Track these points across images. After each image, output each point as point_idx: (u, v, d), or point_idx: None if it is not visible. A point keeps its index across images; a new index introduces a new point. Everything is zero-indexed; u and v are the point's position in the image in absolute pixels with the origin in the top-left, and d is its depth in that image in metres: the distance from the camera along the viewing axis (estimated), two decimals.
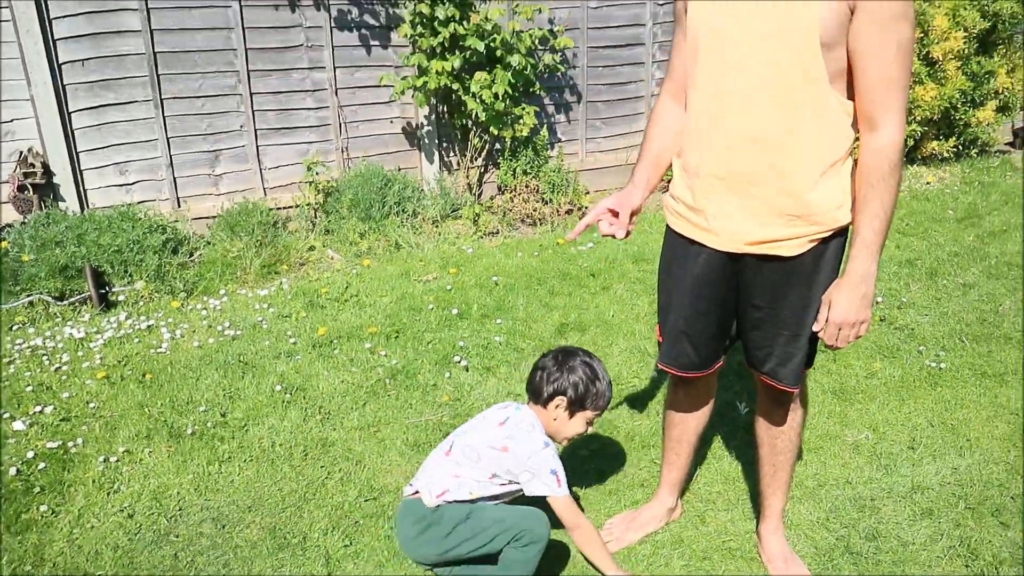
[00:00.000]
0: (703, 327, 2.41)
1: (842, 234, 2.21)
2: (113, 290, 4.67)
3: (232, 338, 4.26)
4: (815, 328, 2.18)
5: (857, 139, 2.11)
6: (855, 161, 2.14)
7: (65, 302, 4.54)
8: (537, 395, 2.53)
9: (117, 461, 3.21)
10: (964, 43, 6.59)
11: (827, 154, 2.09)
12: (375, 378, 3.82)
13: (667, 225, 2.42)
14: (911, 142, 6.90)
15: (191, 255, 5.16)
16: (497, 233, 5.74)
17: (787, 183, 2.10)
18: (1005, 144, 8.03)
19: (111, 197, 5.29)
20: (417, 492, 2.48)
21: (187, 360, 4.00)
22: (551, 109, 6.33)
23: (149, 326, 4.38)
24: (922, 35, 6.52)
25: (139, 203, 5.32)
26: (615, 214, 2.37)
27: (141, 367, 3.94)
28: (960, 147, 7.27)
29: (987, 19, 6.72)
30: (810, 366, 2.37)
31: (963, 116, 6.95)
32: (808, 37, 1.95)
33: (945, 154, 7.15)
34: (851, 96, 2.05)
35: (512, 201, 5.95)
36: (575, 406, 2.49)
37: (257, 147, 5.57)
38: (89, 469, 3.16)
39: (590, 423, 2.55)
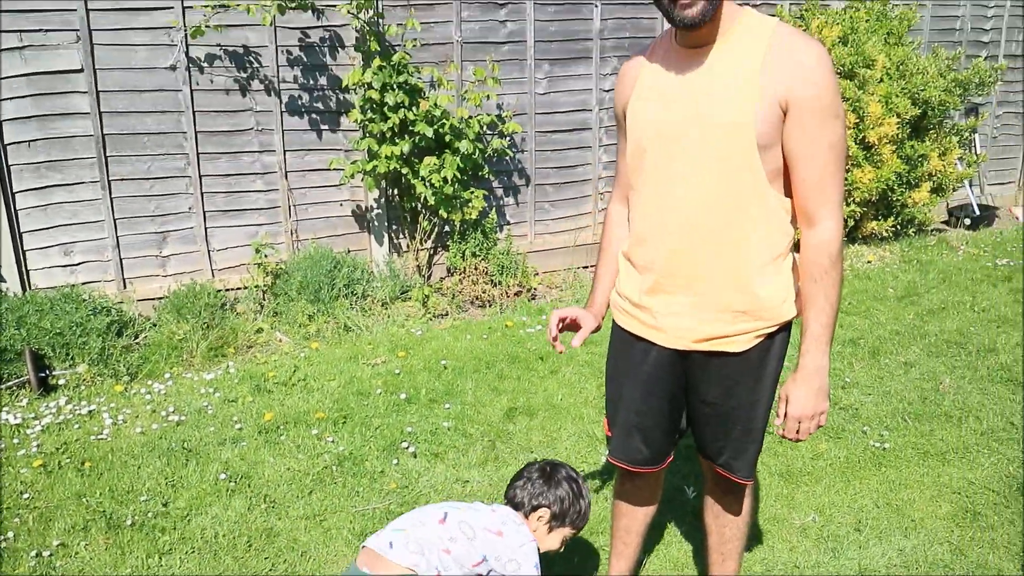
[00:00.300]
0: (655, 423, 2.42)
1: (787, 328, 2.26)
2: (54, 374, 4.59)
3: (176, 424, 4.19)
4: (776, 423, 2.20)
5: (796, 234, 2.17)
6: (795, 256, 2.20)
7: (2, 386, 4.44)
8: (518, 505, 2.48)
9: (51, 555, 3.12)
10: (898, 128, 6.83)
11: (770, 250, 2.15)
12: (321, 465, 3.77)
13: (613, 321, 2.45)
14: (851, 222, 7.09)
15: (136, 337, 5.10)
16: (446, 315, 5.75)
17: (733, 280, 2.15)
18: (941, 223, 8.28)
19: (55, 278, 5.22)
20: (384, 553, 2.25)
21: (129, 447, 3.93)
22: (500, 192, 6.41)
23: (90, 411, 4.29)
24: (858, 121, 6.75)
25: (84, 284, 5.26)
26: (574, 324, 2.44)
27: (80, 455, 3.86)
28: (898, 226, 7.48)
29: (918, 106, 6.98)
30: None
31: (900, 197, 7.17)
32: (746, 138, 2.03)
33: (884, 233, 7.35)
34: (788, 193, 2.13)
35: (461, 283, 5.99)
36: (556, 521, 2.45)
37: (206, 229, 5.56)
38: (20, 565, 3.06)
39: (566, 541, 2.51)
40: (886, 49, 7.07)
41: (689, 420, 2.44)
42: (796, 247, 2.19)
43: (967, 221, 8.18)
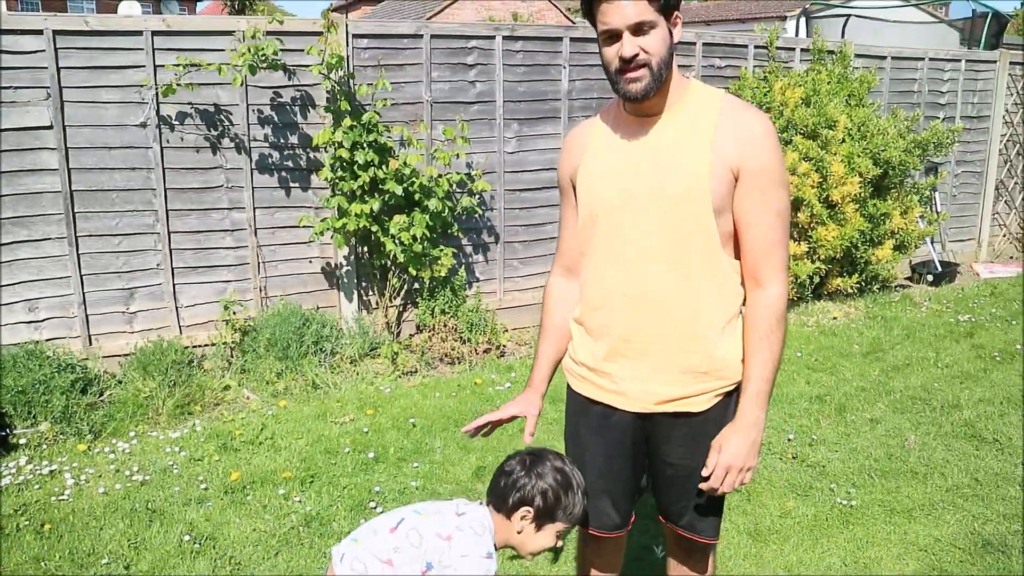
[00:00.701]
0: (620, 486, 2.41)
1: (736, 392, 2.29)
2: (14, 432, 4.52)
3: (140, 483, 4.13)
4: (703, 472, 2.18)
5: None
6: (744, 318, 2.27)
7: None
8: (500, 503, 2.26)
9: None
10: (860, 187, 6.97)
11: (725, 311, 2.20)
12: (288, 526, 3.73)
13: (569, 386, 2.44)
14: (817, 279, 7.19)
15: (101, 395, 5.04)
16: (416, 372, 5.74)
17: (691, 342, 2.19)
18: (904, 279, 8.43)
19: (19, 334, 5.16)
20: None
21: (91, 508, 3.86)
22: (469, 249, 6.45)
23: (52, 471, 4.23)
24: (821, 180, 6.87)
25: (48, 340, 5.20)
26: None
27: (40, 516, 3.79)
28: (863, 283, 7.59)
29: (879, 166, 7.14)
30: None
31: (864, 254, 7.29)
32: (702, 204, 2.10)
33: (849, 290, 7.46)
34: (737, 256, 2.20)
35: (431, 340, 5.98)
36: (543, 518, 2.22)
37: (174, 285, 5.53)
38: None
39: (561, 536, 2.28)
40: (847, 110, 7.25)
41: (652, 483, 2.44)
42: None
43: (929, 277, 8.33)
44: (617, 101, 2.27)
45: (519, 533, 2.25)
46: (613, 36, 2.05)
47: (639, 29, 2.02)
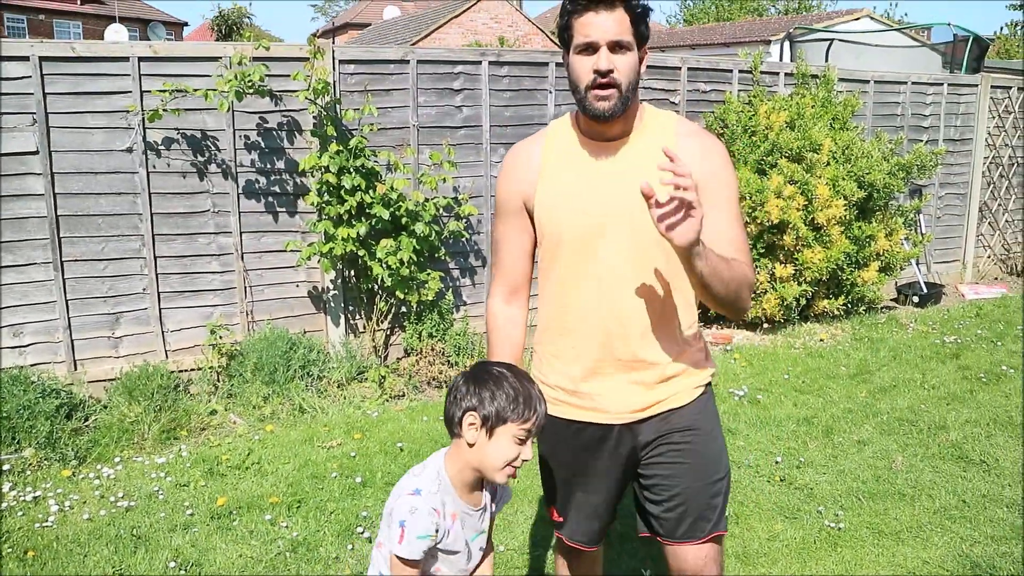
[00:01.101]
0: (604, 502, 2.43)
1: (710, 385, 2.39)
2: None
3: (126, 510, 4.10)
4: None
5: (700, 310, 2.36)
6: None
7: None
8: (450, 423, 2.11)
9: None
10: (845, 210, 7.02)
11: (689, 321, 2.31)
12: (275, 551, 3.71)
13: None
14: (803, 301, 7.21)
15: (86, 420, 5.01)
16: (403, 396, 5.73)
17: (664, 354, 2.26)
18: (890, 301, 8.47)
19: (3, 360, 5.13)
20: None
21: (75, 535, 3.83)
22: (456, 273, 6.45)
23: (36, 497, 4.19)
24: (807, 203, 6.92)
25: (33, 365, 5.17)
26: None
27: (23, 544, 3.75)
28: (849, 305, 7.63)
29: (864, 188, 7.18)
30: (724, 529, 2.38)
31: (849, 276, 7.33)
32: None
33: (836, 312, 7.49)
34: None
35: (418, 364, 5.97)
36: (492, 420, 2.04)
37: (160, 310, 5.52)
38: None
39: (522, 441, 2.07)
40: (832, 134, 7.31)
41: (642, 497, 2.40)
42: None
43: (915, 299, 8.37)
44: (572, 122, 2.30)
45: (473, 448, 2.07)
46: (590, 48, 2.08)
47: (616, 47, 2.07)
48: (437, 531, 2.04)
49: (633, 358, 2.24)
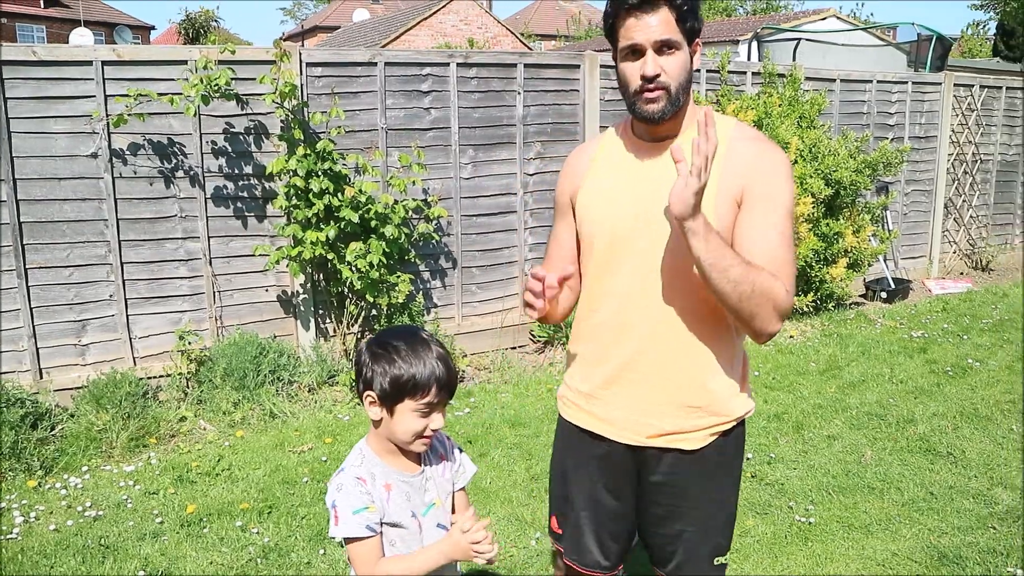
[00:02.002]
0: (608, 522, 2.33)
1: (741, 424, 2.25)
2: None
3: (93, 519, 4.06)
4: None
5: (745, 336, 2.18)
6: (745, 353, 2.24)
7: None
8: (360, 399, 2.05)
9: None
10: (813, 207, 7.08)
11: (724, 346, 2.16)
12: (246, 558, 3.68)
13: (560, 416, 2.38)
14: None
15: (52, 429, 4.95)
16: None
17: (688, 375, 2.13)
18: (859, 297, 8.54)
19: None
20: None
21: (41, 546, 3.78)
22: (427, 275, 6.44)
23: (0, 509, 4.13)
24: None
25: None
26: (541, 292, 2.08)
27: None
28: (818, 301, 7.69)
29: (831, 186, 7.25)
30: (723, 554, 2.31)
31: (818, 273, 7.39)
32: None
33: (805, 308, 7.55)
34: None
35: None
36: (387, 400, 1.96)
37: (127, 316, 5.46)
38: None
39: (425, 415, 1.98)
40: (799, 132, 7.36)
41: (641, 526, 2.34)
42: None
43: (883, 295, 8.45)
44: (625, 124, 2.24)
45: (379, 423, 2.02)
46: (636, 52, 2.02)
47: (663, 48, 2.00)
48: (373, 502, 1.97)
49: (653, 374, 2.14)
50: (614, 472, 2.27)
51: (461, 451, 2.25)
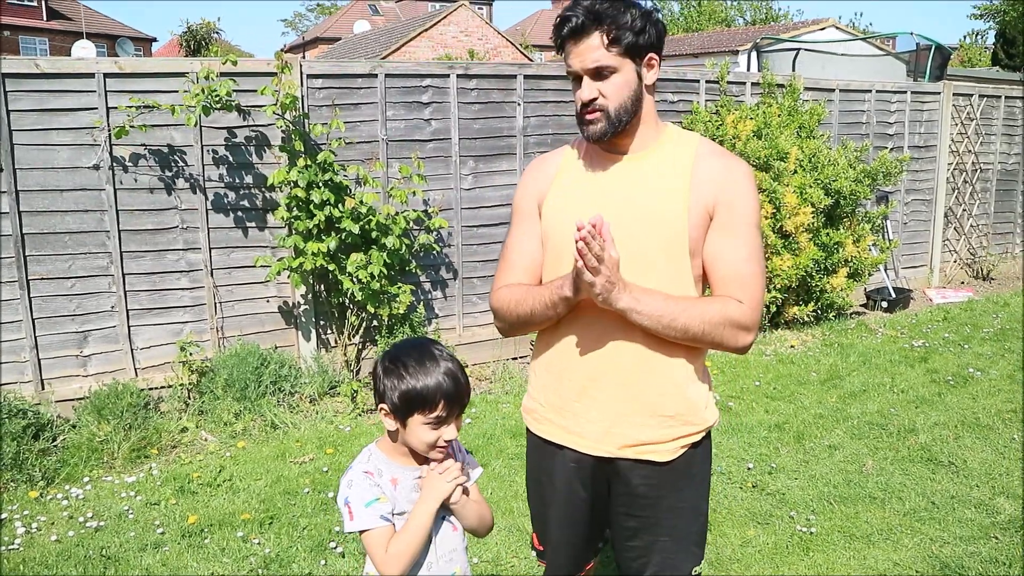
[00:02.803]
0: (581, 537, 2.34)
1: (708, 436, 2.26)
2: None
3: (95, 530, 4.06)
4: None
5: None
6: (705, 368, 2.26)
7: None
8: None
9: None
10: (813, 217, 7.09)
11: (694, 355, 2.17)
12: (247, 568, 3.68)
13: (529, 431, 2.37)
14: (773, 308, 7.27)
15: (54, 440, 4.95)
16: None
17: (663, 385, 2.14)
18: (859, 306, 8.55)
19: None
20: None
21: (43, 557, 3.78)
22: (428, 286, 6.45)
23: (1, 520, 4.14)
24: (775, 211, 6.98)
25: None
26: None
27: None
28: (819, 311, 7.70)
29: (831, 196, 7.26)
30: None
31: (818, 283, 7.40)
32: (679, 246, 2.09)
33: (805, 318, 7.55)
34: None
35: None
36: (400, 413, 2.01)
37: (129, 327, 5.47)
38: None
39: (435, 427, 2.03)
40: (798, 142, 7.38)
41: (613, 538, 2.35)
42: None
43: (884, 304, 8.45)
44: None
45: (395, 432, 2.07)
46: (576, 78, 2.09)
47: (598, 74, 2.05)
48: (384, 494, 2.02)
49: (626, 385, 2.13)
50: (583, 485, 2.26)
51: (468, 452, 2.28)
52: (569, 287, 2.03)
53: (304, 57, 5.99)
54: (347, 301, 5.98)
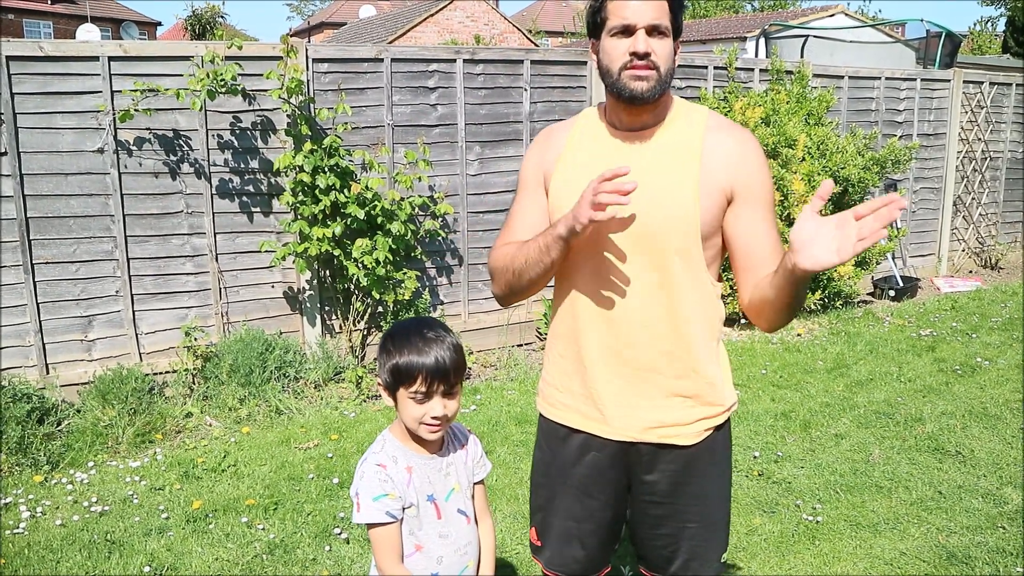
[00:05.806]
0: (595, 531, 2.26)
1: (728, 421, 2.23)
2: None
3: (99, 514, 4.06)
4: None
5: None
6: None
7: None
8: None
9: None
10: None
11: (711, 333, 2.14)
12: (252, 554, 3.67)
13: (542, 416, 2.31)
14: None
15: (59, 424, 4.95)
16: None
17: (681, 364, 2.10)
18: (867, 295, 8.52)
19: None
20: None
21: (47, 541, 3.78)
22: (433, 272, 6.43)
23: (6, 504, 4.14)
24: (782, 198, 6.94)
25: (4, 370, 5.10)
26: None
27: None
28: (826, 299, 7.67)
29: (839, 183, 7.22)
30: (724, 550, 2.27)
31: (826, 271, 7.35)
32: (691, 229, 2.02)
33: (813, 306, 7.53)
34: (719, 279, 2.15)
35: None
36: (389, 388, 2.07)
37: (133, 312, 5.46)
38: None
39: (420, 402, 2.03)
40: (807, 129, 7.33)
41: (635, 529, 2.28)
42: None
43: (891, 293, 8.42)
44: (598, 113, 2.19)
45: (397, 410, 2.09)
46: (626, 31, 1.98)
47: (653, 32, 1.98)
48: (394, 489, 2.03)
49: (644, 366, 2.09)
50: (602, 474, 2.20)
51: (479, 445, 2.28)
52: (564, 226, 1.96)
53: (310, 42, 5.95)
54: (352, 287, 5.96)
